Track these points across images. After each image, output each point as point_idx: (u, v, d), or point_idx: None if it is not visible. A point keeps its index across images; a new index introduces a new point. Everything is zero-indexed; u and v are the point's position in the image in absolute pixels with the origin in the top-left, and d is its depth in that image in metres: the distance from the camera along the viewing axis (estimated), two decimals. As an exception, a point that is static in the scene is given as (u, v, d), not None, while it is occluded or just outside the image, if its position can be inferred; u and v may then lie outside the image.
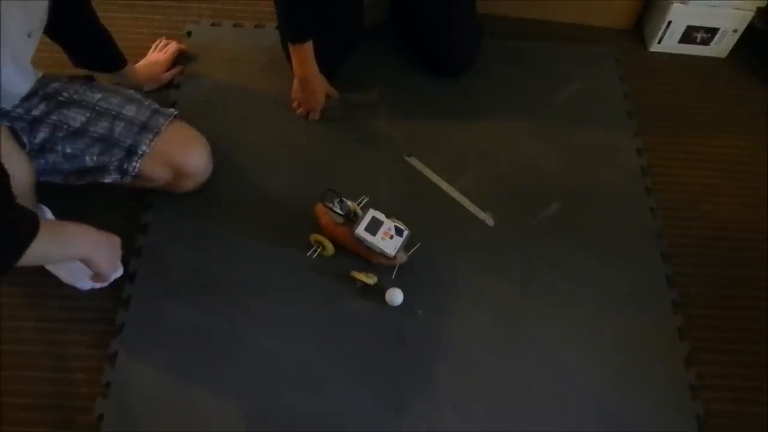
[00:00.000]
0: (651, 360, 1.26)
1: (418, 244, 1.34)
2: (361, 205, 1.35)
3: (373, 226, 1.27)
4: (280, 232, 1.37)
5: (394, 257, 1.27)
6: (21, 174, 1.12)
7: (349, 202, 1.30)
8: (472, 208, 1.43)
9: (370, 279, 1.27)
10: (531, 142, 1.55)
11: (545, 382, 1.23)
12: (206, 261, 1.33)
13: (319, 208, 1.33)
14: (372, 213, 1.28)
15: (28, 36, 1.12)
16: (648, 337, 1.29)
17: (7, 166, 0.93)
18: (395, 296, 1.27)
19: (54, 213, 1.26)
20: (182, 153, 1.29)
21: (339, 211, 1.28)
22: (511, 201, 1.44)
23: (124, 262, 1.29)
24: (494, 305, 1.31)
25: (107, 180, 1.25)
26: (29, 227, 0.92)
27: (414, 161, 1.49)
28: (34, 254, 0.93)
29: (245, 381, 1.20)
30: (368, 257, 1.31)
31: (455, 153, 1.51)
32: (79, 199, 1.29)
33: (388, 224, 1.27)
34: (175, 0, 1.76)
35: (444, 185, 1.46)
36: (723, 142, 1.60)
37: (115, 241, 1.11)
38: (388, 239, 1.26)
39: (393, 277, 1.30)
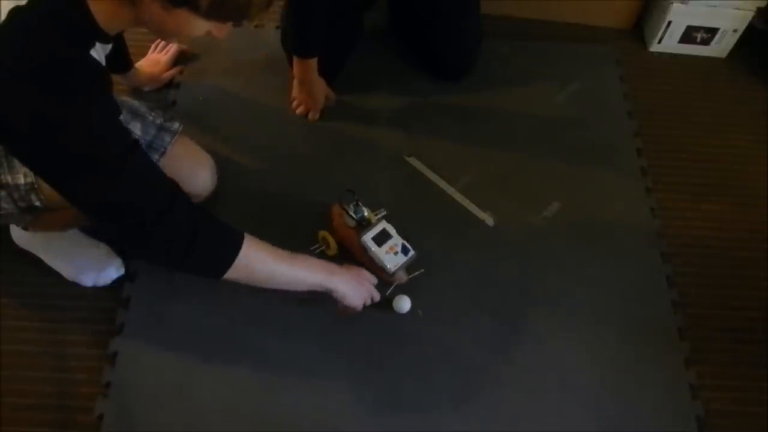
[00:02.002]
0: (651, 360, 1.26)
1: (422, 270, 1.30)
2: (379, 216, 1.32)
3: (381, 238, 1.25)
4: (279, 232, 1.35)
5: (393, 274, 1.24)
6: None
7: (365, 210, 1.28)
8: (472, 208, 1.43)
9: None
10: (531, 141, 1.55)
11: (545, 382, 1.23)
12: (206, 261, 1.33)
13: (336, 207, 1.32)
14: (384, 225, 1.26)
15: None
16: (648, 337, 1.28)
17: None
18: (403, 304, 1.26)
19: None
20: (187, 177, 1.26)
21: (353, 214, 1.26)
22: (511, 201, 1.44)
23: (124, 263, 1.30)
24: (494, 305, 1.30)
25: None
26: (233, 239, 1.02)
27: (414, 161, 1.49)
28: (265, 272, 1.06)
29: (245, 381, 1.20)
30: (369, 268, 1.27)
31: (455, 153, 1.51)
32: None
33: (397, 240, 1.25)
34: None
35: (444, 185, 1.46)
36: (723, 142, 1.60)
37: (359, 272, 1.19)
38: (392, 254, 1.24)
39: (387, 293, 1.26)
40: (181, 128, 1.25)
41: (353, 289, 1.16)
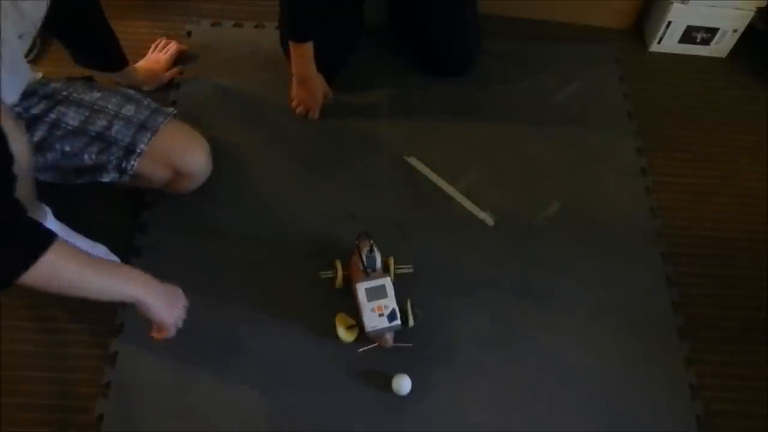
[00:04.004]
0: (651, 360, 1.26)
1: (411, 345, 1.22)
2: (403, 270, 1.28)
3: (376, 293, 1.18)
4: (279, 232, 1.37)
5: (366, 334, 1.18)
6: (20, 152, 1.03)
7: (378, 257, 1.22)
8: (472, 208, 1.43)
9: (350, 335, 1.22)
10: (531, 141, 1.55)
11: (545, 382, 1.23)
12: (206, 260, 1.33)
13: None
14: (386, 281, 1.19)
15: (19, 37, 1.11)
16: (648, 337, 1.29)
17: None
18: (402, 385, 1.17)
19: (53, 214, 1.25)
20: (181, 153, 1.28)
21: (364, 257, 1.21)
22: (511, 201, 1.44)
23: (124, 261, 1.29)
24: (494, 305, 1.31)
25: (105, 179, 1.24)
26: (34, 244, 0.89)
27: (414, 161, 1.49)
28: (70, 281, 0.94)
29: (245, 381, 1.20)
30: (359, 314, 1.21)
31: (455, 153, 1.51)
32: (78, 198, 1.29)
33: (390, 302, 1.17)
34: (175, 0, 1.75)
35: (444, 185, 1.46)
36: (723, 142, 1.60)
37: (176, 290, 1.11)
38: (376, 314, 1.16)
39: (359, 351, 1.21)
40: (175, 112, 1.27)
41: (166, 308, 1.08)
